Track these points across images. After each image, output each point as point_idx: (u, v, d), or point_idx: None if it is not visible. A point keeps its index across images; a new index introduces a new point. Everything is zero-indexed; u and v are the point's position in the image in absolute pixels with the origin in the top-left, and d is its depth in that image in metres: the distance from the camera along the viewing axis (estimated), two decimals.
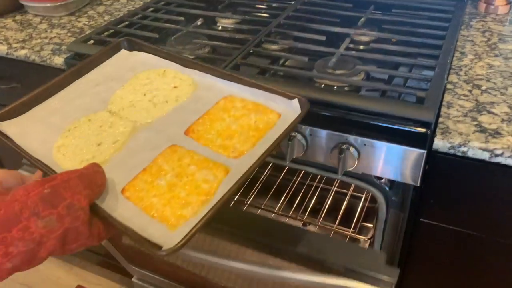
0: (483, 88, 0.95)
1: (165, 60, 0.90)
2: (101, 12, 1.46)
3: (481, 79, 0.99)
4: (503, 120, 0.84)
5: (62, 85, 0.89)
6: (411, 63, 1.00)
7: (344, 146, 0.86)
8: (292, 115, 0.72)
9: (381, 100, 0.88)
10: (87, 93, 0.87)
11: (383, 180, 1.04)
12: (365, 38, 1.12)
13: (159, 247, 0.57)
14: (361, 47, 1.11)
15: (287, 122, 0.71)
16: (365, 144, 0.84)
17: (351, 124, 0.85)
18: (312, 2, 1.32)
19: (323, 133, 0.88)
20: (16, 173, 0.67)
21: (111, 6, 1.51)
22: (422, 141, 0.80)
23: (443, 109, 0.88)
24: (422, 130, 0.79)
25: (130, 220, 0.61)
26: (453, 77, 1.00)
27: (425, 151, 0.81)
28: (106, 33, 1.21)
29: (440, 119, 0.85)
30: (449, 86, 0.96)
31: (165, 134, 0.74)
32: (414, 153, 0.81)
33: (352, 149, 0.85)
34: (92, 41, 1.19)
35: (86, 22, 1.39)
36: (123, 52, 0.96)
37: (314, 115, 0.84)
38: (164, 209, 0.62)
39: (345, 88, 0.94)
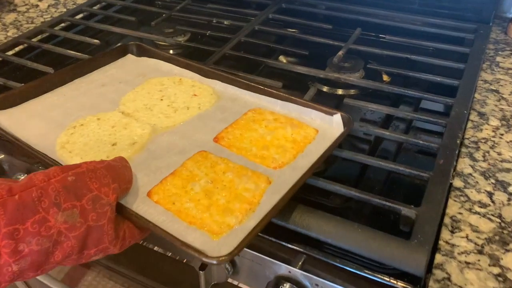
0: None
1: (180, 68, 0.84)
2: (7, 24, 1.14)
3: (510, 170, 0.63)
4: None
5: (61, 81, 0.80)
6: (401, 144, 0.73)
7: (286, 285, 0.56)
8: (332, 131, 0.68)
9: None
10: (92, 92, 0.78)
11: None
12: (341, 78, 0.84)
13: (205, 255, 0.49)
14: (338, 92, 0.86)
15: (328, 138, 0.67)
16: (317, 285, 0.54)
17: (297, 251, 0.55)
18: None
19: (255, 258, 0.57)
20: None
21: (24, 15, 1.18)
22: None
23: (444, 236, 0.53)
24: None
25: (164, 225, 0.53)
26: (464, 164, 0.63)
27: None
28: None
29: (438, 259, 0.50)
30: (457, 182, 0.60)
31: (191, 140, 0.67)
32: None
33: None
34: None
35: None
36: (130, 57, 0.89)
37: None
38: (203, 216, 0.55)
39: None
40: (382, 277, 0.50)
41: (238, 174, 0.61)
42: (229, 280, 0.61)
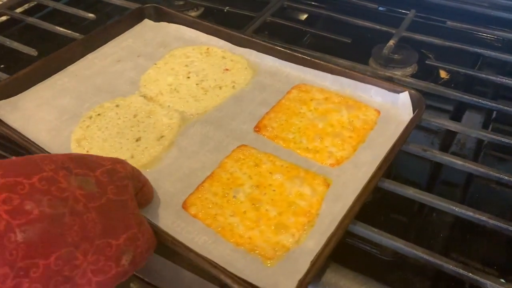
0: None
1: (207, 35, 0.72)
2: None
3: None
4: None
5: (70, 58, 0.68)
6: None
7: None
8: (398, 113, 0.56)
9: None
10: (107, 70, 0.67)
11: None
12: (394, 78, 0.66)
13: None
14: None
15: (393, 122, 0.55)
16: None
17: None
18: None
19: None
20: None
21: None
22: None
23: None
24: None
25: (207, 249, 0.44)
26: None
27: None
28: None
29: None
30: None
31: (228, 130, 0.57)
32: None
33: None
34: None
35: None
36: (148, 23, 0.76)
37: None
38: (252, 234, 0.45)
39: None
40: None
41: (289, 176, 0.50)
42: None
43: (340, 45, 0.76)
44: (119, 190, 0.39)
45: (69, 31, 0.77)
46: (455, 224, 0.50)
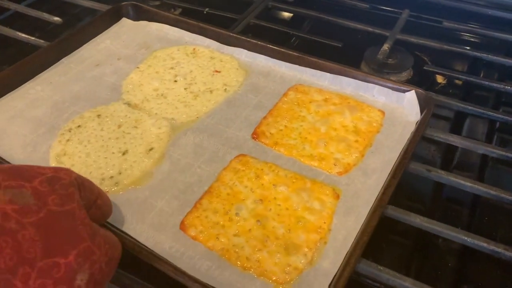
0: None
1: (192, 34, 0.67)
2: None
3: None
4: None
5: (42, 64, 0.62)
6: None
7: None
8: (403, 114, 0.53)
9: None
10: (84, 76, 0.62)
11: None
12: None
13: None
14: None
15: (399, 123, 0.52)
16: None
17: None
18: None
19: None
20: None
21: None
22: None
23: None
24: None
25: (211, 276, 0.39)
26: None
27: None
28: None
29: None
30: None
31: (223, 138, 0.52)
32: None
33: None
34: None
35: None
36: (126, 22, 0.71)
37: None
38: (260, 256, 0.41)
39: None
40: None
41: (294, 187, 0.46)
42: None
43: (329, 48, 0.70)
44: (62, 200, 0.34)
45: (33, 38, 0.69)
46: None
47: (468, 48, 0.67)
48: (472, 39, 0.74)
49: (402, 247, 0.48)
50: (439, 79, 0.68)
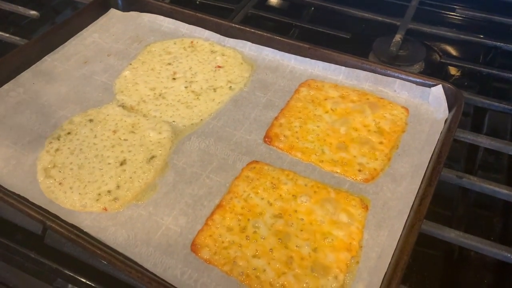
0: None
1: (188, 25, 0.61)
2: None
3: None
4: None
5: (23, 62, 0.56)
6: None
7: None
8: (430, 110, 0.48)
9: None
10: (71, 75, 0.55)
11: None
12: None
13: None
14: None
15: (425, 121, 0.47)
16: None
17: None
18: None
19: None
20: None
21: None
22: None
23: None
24: None
25: None
26: None
27: None
28: None
29: None
30: None
31: (232, 143, 0.47)
32: None
33: None
34: None
35: None
36: (115, 13, 0.64)
37: None
38: (285, 281, 0.36)
39: None
40: None
41: (317, 198, 0.41)
42: None
43: (334, 39, 0.65)
44: None
45: (7, 34, 0.63)
46: None
47: (481, 36, 0.62)
48: (488, 27, 0.68)
49: (431, 260, 0.44)
50: (453, 70, 0.63)
